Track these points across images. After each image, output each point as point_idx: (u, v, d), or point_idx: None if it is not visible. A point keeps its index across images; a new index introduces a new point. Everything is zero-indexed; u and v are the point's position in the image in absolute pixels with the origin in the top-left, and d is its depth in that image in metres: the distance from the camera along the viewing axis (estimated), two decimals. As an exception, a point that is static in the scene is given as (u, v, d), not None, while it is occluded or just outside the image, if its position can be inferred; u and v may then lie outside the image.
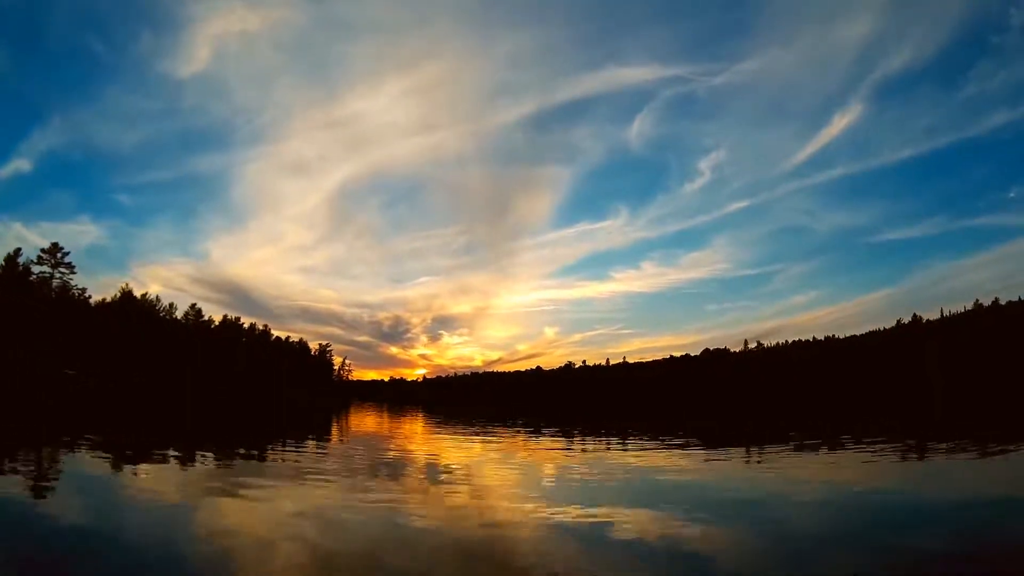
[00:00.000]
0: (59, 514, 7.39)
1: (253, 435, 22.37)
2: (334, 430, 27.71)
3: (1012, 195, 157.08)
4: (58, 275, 64.02)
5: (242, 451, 15.90)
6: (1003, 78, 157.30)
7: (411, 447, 19.00)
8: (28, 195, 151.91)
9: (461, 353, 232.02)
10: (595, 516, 7.79)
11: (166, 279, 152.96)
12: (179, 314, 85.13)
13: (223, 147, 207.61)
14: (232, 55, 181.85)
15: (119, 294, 74.32)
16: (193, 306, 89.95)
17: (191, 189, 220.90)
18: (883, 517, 7.60)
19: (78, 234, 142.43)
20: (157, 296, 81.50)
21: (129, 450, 14.69)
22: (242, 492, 9.07)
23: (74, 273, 64.90)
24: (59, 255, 63.98)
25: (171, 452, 14.37)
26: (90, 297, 70.82)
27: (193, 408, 38.18)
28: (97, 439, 16.53)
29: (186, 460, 13.34)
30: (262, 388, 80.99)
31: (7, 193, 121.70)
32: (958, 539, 6.49)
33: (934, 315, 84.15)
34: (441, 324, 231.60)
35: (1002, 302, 76.34)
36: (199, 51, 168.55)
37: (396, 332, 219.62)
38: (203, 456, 14.23)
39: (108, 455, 13.44)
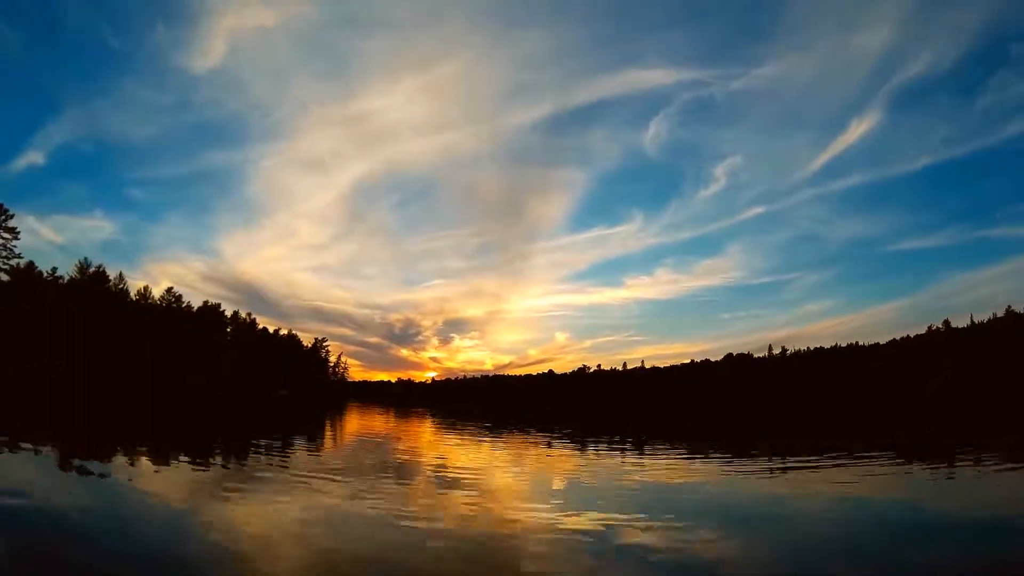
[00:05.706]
0: None
1: (203, 438, 18.36)
2: (326, 433, 24.00)
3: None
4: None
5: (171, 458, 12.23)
6: (1022, 88, 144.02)
7: (416, 450, 17.53)
8: (41, 188, 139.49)
9: (472, 356, 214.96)
10: (604, 523, 7.27)
11: (178, 276, 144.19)
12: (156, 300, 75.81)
13: (237, 142, 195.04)
14: (247, 50, 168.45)
15: (77, 272, 64.47)
16: (170, 290, 79.79)
17: (204, 184, 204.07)
18: (898, 531, 7.32)
19: (92, 229, 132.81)
20: (120, 274, 71.38)
21: None
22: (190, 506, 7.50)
23: (17, 239, 55.29)
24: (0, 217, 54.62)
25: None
26: (61, 278, 61.56)
27: (131, 402, 31.36)
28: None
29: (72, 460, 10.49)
30: (242, 383, 71.04)
31: (20, 186, 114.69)
32: (971, 554, 6.13)
33: (963, 322, 75.83)
34: (452, 327, 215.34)
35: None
36: (214, 45, 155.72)
37: (407, 334, 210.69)
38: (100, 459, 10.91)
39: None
